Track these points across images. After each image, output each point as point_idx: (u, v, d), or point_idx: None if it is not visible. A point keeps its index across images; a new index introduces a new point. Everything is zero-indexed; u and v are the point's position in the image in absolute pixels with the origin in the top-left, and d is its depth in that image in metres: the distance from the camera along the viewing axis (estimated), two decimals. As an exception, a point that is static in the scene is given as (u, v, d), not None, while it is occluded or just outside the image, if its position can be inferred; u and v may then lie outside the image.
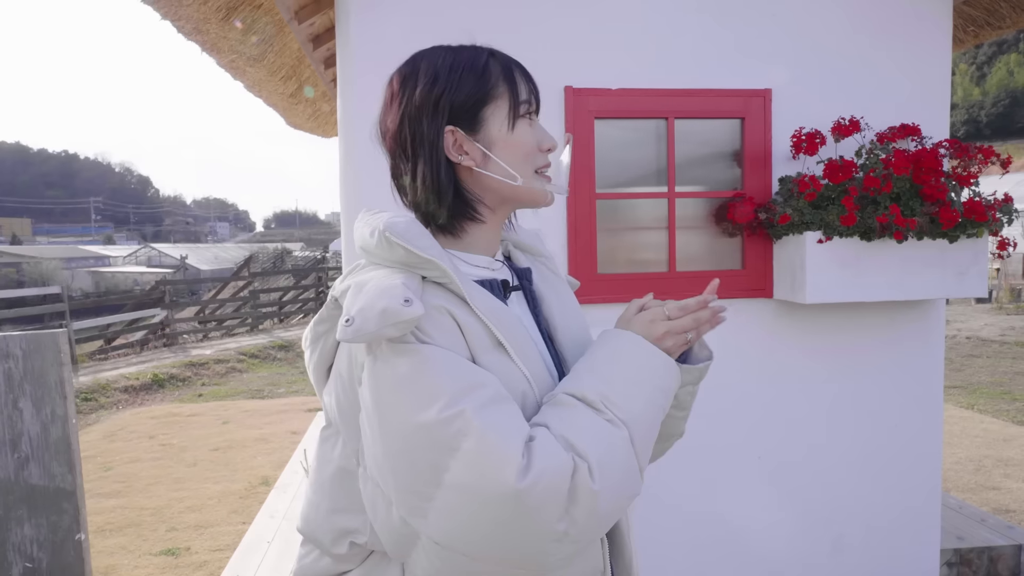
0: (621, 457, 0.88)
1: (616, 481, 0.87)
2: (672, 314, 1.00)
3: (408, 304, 0.84)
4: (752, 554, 2.89)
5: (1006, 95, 49.86)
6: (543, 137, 1.05)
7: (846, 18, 2.82)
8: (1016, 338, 11.11)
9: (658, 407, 0.95)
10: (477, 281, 1.00)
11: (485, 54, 1.03)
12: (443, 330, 0.90)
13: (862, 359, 2.91)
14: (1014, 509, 4.46)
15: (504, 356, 0.94)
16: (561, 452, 0.84)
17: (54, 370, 2.10)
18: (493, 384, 0.88)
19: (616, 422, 0.89)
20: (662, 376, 0.96)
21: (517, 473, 0.80)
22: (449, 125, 1.00)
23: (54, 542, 2.17)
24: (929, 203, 2.52)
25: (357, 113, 2.63)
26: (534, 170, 1.03)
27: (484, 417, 0.83)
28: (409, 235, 0.93)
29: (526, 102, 1.03)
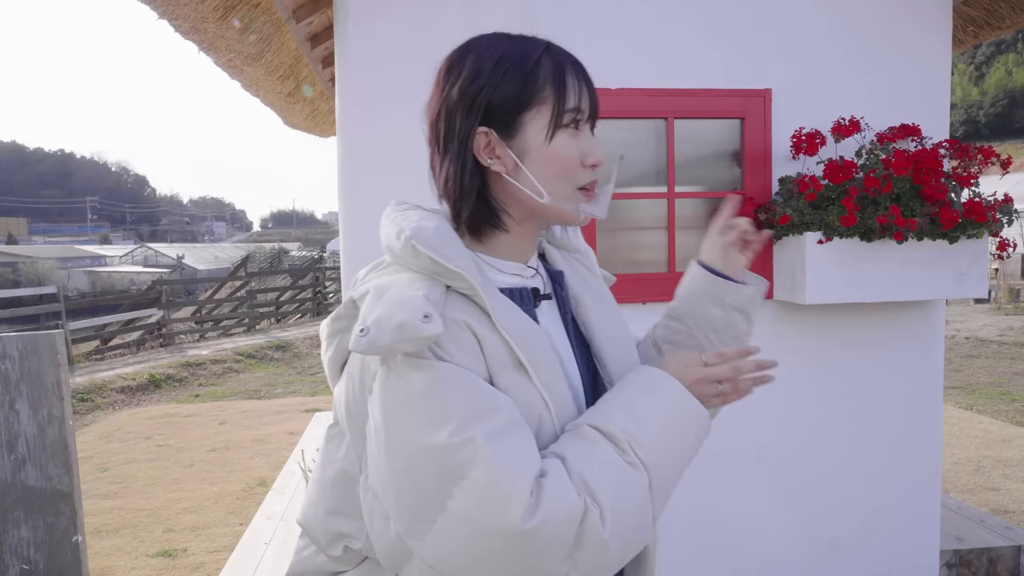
0: (637, 504, 0.84)
1: (628, 529, 0.82)
2: (709, 360, 0.95)
3: (427, 320, 0.80)
4: (751, 555, 2.88)
5: (1005, 95, 49.96)
6: (589, 150, 0.94)
7: (846, 18, 2.81)
8: (1015, 338, 11.13)
9: (684, 456, 0.90)
10: (506, 289, 0.94)
11: (540, 50, 0.94)
12: (462, 347, 0.85)
13: (862, 360, 2.90)
14: (1013, 510, 4.46)
15: (524, 377, 0.88)
16: (572, 493, 0.80)
17: (51, 371, 2.08)
18: (508, 410, 0.83)
19: (638, 465, 0.84)
20: (694, 425, 0.91)
21: (524, 512, 0.77)
22: (483, 126, 0.93)
23: (51, 544, 2.15)
24: (929, 204, 2.52)
25: (355, 112, 2.62)
26: (575, 187, 0.94)
27: (495, 447, 0.79)
28: (436, 243, 0.87)
29: (573, 111, 0.92)
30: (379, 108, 2.61)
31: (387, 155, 2.62)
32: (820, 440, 2.90)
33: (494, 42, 0.95)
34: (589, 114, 0.96)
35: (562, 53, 0.96)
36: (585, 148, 0.95)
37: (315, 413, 6.93)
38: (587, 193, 0.96)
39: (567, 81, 0.93)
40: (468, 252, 0.90)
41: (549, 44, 0.96)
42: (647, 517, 0.85)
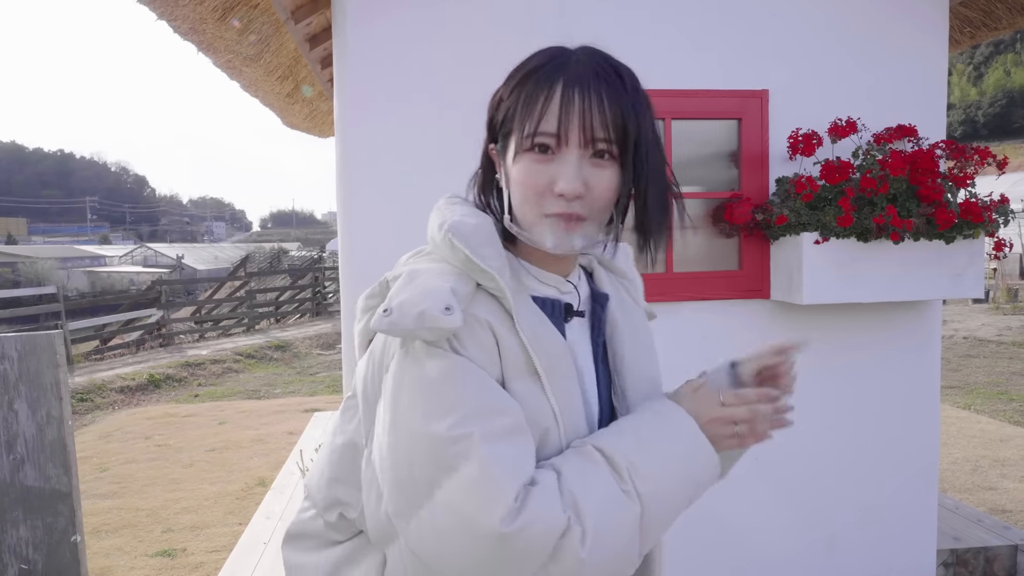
0: (623, 533, 0.83)
1: (608, 555, 0.82)
2: (727, 400, 0.92)
3: (448, 312, 0.82)
4: (748, 554, 2.89)
5: (1003, 95, 50.00)
6: (558, 176, 0.87)
7: (843, 19, 2.82)
8: (1013, 338, 11.14)
9: (684, 496, 0.89)
10: (539, 299, 0.94)
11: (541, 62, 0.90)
12: (480, 345, 0.86)
13: (859, 360, 2.91)
14: (1010, 509, 4.47)
15: (537, 385, 0.88)
16: (558, 507, 0.80)
17: (50, 371, 2.09)
18: (514, 415, 0.84)
19: (633, 495, 0.84)
20: (699, 466, 0.89)
21: (504, 515, 0.78)
22: (492, 143, 0.97)
23: (50, 544, 2.16)
24: (925, 204, 2.53)
25: (353, 113, 2.62)
26: (541, 213, 0.89)
27: (491, 447, 0.80)
28: (473, 241, 0.88)
29: (531, 135, 0.87)
30: (377, 109, 2.62)
31: (385, 156, 2.63)
32: (817, 439, 2.90)
33: (527, 56, 0.93)
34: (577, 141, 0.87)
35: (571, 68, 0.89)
36: (557, 174, 0.88)
37: (314, 413, 6.94)
38: (552, 221, 0.89)
39: (536, 103, 0.87)
40: (506, 254, 0.91)
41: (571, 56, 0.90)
42: (632, 548, 0.84)
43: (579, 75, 0.87)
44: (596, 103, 0.86)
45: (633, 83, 0.92)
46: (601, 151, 0.89)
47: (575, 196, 0.88)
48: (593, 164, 0.89)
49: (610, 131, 0.88)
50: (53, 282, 25.54)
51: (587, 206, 0.89)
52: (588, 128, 0.86)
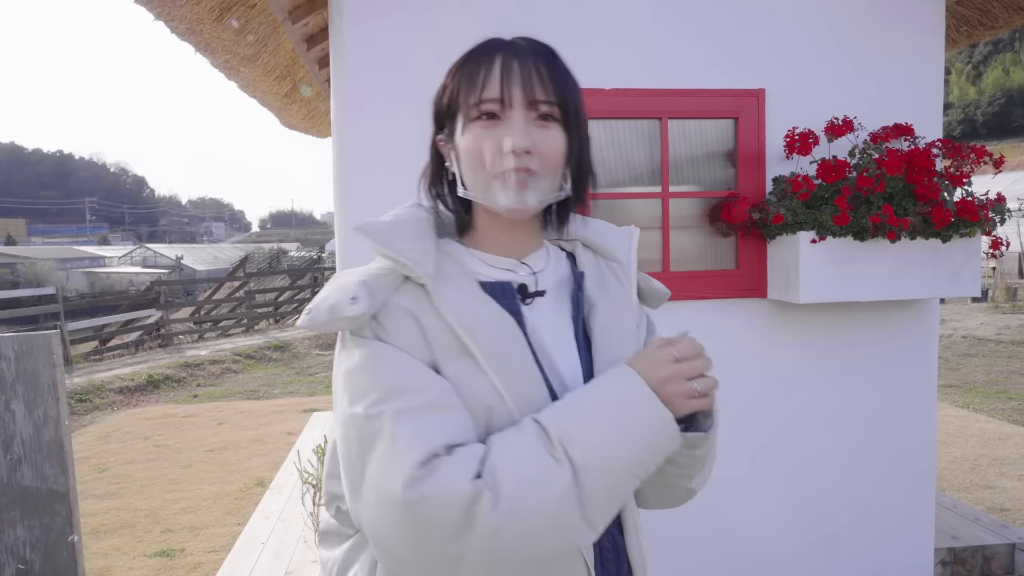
0: (548, 498, 0.81)
1: (530, 521, 0.81)
2: (681, 354, 0.88)
3: (354, 302, 0.88)
4: (746, 553, 2.89)
5: (1002, 94, 49.99)
6: (505, 135, 0.91)
7: (839, 18, 2.82)
8: (1012, 337, 11.14)
9: (632, 459, 0.85)
10: (488, 283, 0.96)
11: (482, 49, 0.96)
12: (403, 331, 0.90)
13: (856, 359, 2.92)
14: (1009, 508, 4.47)
15: (473, 365, 0.90)
16: (464, 475, 0.81)
17: (46, 371, 2.09)
18: (432, 392, 0.86)
19: (562, 462, 0.83)
20: (647, 429, 0.85)
21: (405, 484, 0.80)
22: (439, 132, 1.01)
23: (47, 544, 2.16)
24: (922, 203, 2.53)
25: (350, 113, 2.63)
26: (491, 176, 0.93)
27: (400, 422, 0.84)
28: (384, 236, 0.93)
29: (477, 103, 0.92)
30: (374, 109, 2.62)
31: (382, 156, 2.63)
32: (815, 439, 2.91)
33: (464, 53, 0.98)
34: (521, 102, 0.92)
35: (507, 45, 0.95)
36: (505, 134, 0.92)
37: (313, 413, 6.94)
38: (505, 179, 0.92)
39: (478, 76, 0.92)
40: (426, 244, 0.94)
41: (505, 39, 0.97)
42: (567, 514, 0.82)
43: (517, 50, 0.94)
44: (535, 70, 0.92)
45: (564, 61, 0.98)
46: (545, 114, 0.93)
47: (523, 151, 0.91)
48: (540, 126, 0.93)
49: (550, 94, 0.93)
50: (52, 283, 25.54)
51: (537, 163, 0.93)
52: (529, 90, 0.92)
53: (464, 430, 0.86)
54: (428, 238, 0.96)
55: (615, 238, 1.11)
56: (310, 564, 3.39)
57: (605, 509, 0.85)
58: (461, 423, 0.87)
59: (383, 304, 0.91)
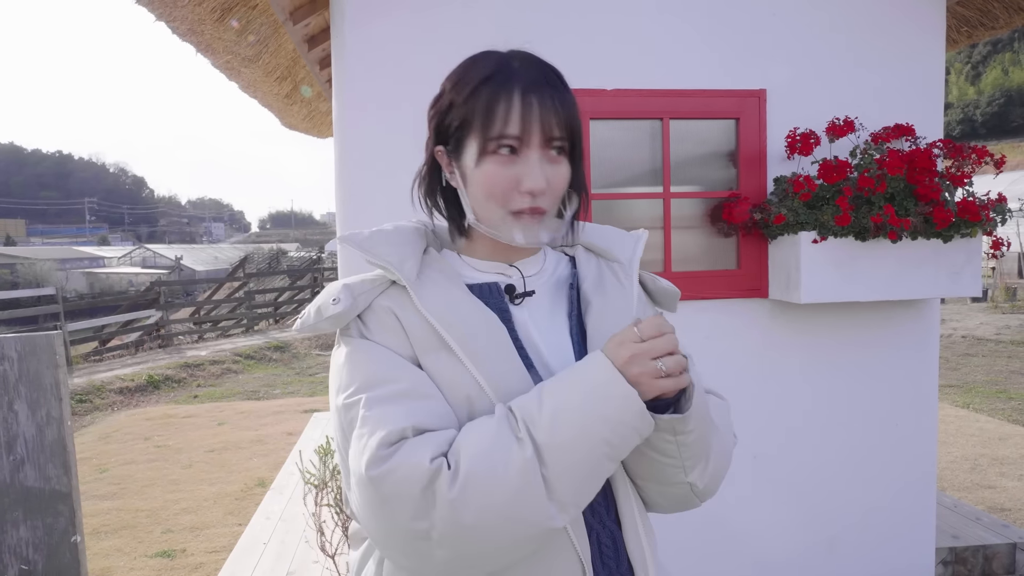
0: (508, 475, 0.83)
1: (489, 497, 0.83)
2: (644, 333, 0.88)
3: (335, 303, 0.96)
4: (747, 553, 2.90)
5: (1001, 94, 50.00)
6: (525, 175, 0.94)
7: (840, 19, 2.83)
8: (1012, 337, 11.15)
9: (596, 438, 0.85)
10: (476, 285, 1.01)
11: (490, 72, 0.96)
12: (385, 328, 0.97)
13: (857, 359, 2.92)
14: (1009, 507, 4.48)
15: (452, 358, 0.94)
16: (424, 454, 0.84)
17: (49, 372, 2.09)
18: (407, 382, 0.92)
19: (525, 441, 0.85)
20: (610, 405, 0.85)
21: (369, 461, 0.86)
22: (439, 145, 1.02)
23: (50, 544, 2.16)
24: (923, 203, 2.53)
25: (352, 114, 2.63)
26: (507, 211, 0.96)
27: (372, 409, 0.90)
28: (366, 244, 1.00)
29: (497, 138, 0.93)
30: (376, 110, 2.62)
31: (384, 157, 2.63)
32: (816, 438, 2.91)
33: (465, 63, 1.00)
34: (536, 141, 0.94)
35: (520, 74, 0.95)
36: (522, 173, 0.95)
37: (313, 414, 6.94)
38: (519, 217, 0.97)
39: (497, 108, 0.93)
40: (407, 250, 1.00)
41: (513, 63, 0.97)
42: (529, 493, 0.83)
43: (532, 80, 0.95)
44: (551, 106, 0.95)
45: (566, 82, 1.01)
46: (558, 147, 0.97)
47: (541, 192, 0.96)
48: (550, 160, 0.97)
49: (564, 130, 0.96)
50: (52, 283, 25.53)
51: (547, 200, 0.98)
52: (547, 129, 0.94)
53: (438, 418, 0.90)
54: (410, 245, 1.02)
55: (617, 241, 1.13)
56: (311, 564, 3.39)
57: (574, 490, 0.86)
58: (434, 411, 0.91)
59: (368, 306, 0.98)
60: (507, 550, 0.87)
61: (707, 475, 0.99)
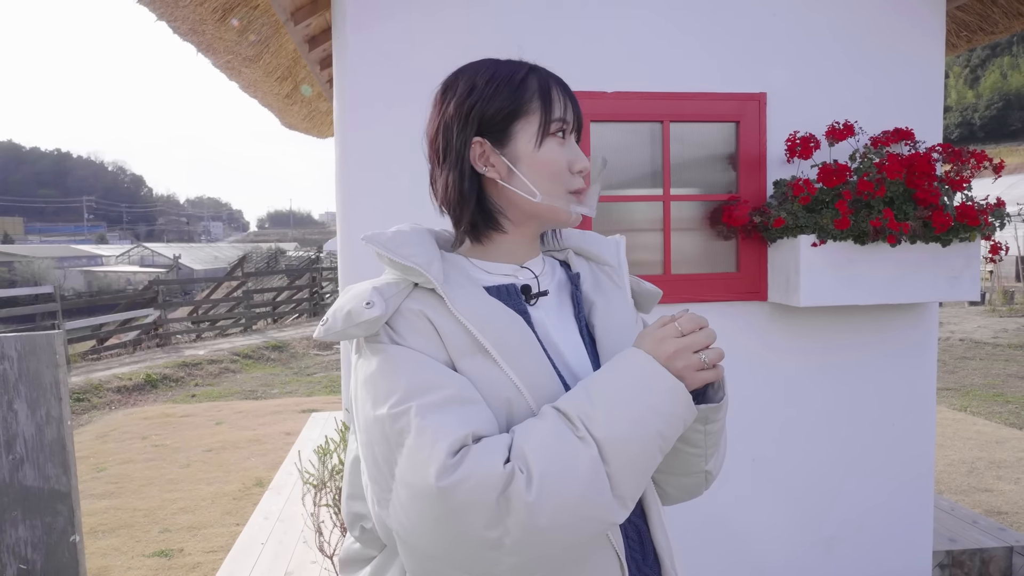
0: (579, 474, 0.84)
1: (564, 497, 0.83)
2: (684, 328, 0.92)
3: (369, 307, 0.92)
4: (745, 555, 2.90)
5: (1000, 98, 50.08)
6: (575, 158, 1.03)
7: (840, 23, 2.83)
8: (1009, 340, 11.17)
9: (651, 431, 0.87)
10: (493, 287, 1.02)
11: (525, 69, 1.03)
12: (418, 333, 0.94)
13: (856, 362, 2.93)
14: (1006, 511, 4.49)
15: (489, 361, 0.94)
16: (496, 460, 0.83)
17: (49, 372, 2.10)
18: (454, 387, 0.89)
19: (587, 439, 0.86)
20: (661, 398, 0.88)
21: (439, 471, 0.82)
22: (478, 137, 1.02)
23: (48, 543, 2.16)
24: (922, 207, 2.54)
25: (352, 115, 2.63)
26: (566, 190, 1.03)
27: (426, 416, 0.86)
28: (391, 244, 0.98)
29: (559, 120, 1.02)
30: (376, 111, 2.63)
31: (384, 157, 2.63)
32: (814, 441, 2.92)
33: (484, 65, 1.04)
34: (574, 126, 1.04)
35: (546, 73, 1.05)
36: (572, 156, 1.03)
37: (312, 413, 6.94)
38: (577, 195, 1.04)
39: (552, 94, 1.02)
40: (432, 252, 0.99)
41: (534, 65, 1.05)
42: (598, 489, 0.85)
43: (554, 76, 1.05)
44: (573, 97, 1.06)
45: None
46: (578, 138, 1.07)
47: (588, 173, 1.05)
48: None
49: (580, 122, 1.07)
50: (50, 281, 25.50)
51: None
52: (580, 119, 1.06)
53: (488, 422, 0.89)
54: (432, 247, 1.01)
55: (604, 245, 1.18)
56: (309, 564, 3.39)
57: (633, 485, 0.88)
58: (484, 416, 0.90)
59: (396, 310, 0.95)
60: (573, 550, 0.88)
61: (718, 462, 1.05)
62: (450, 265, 1.02)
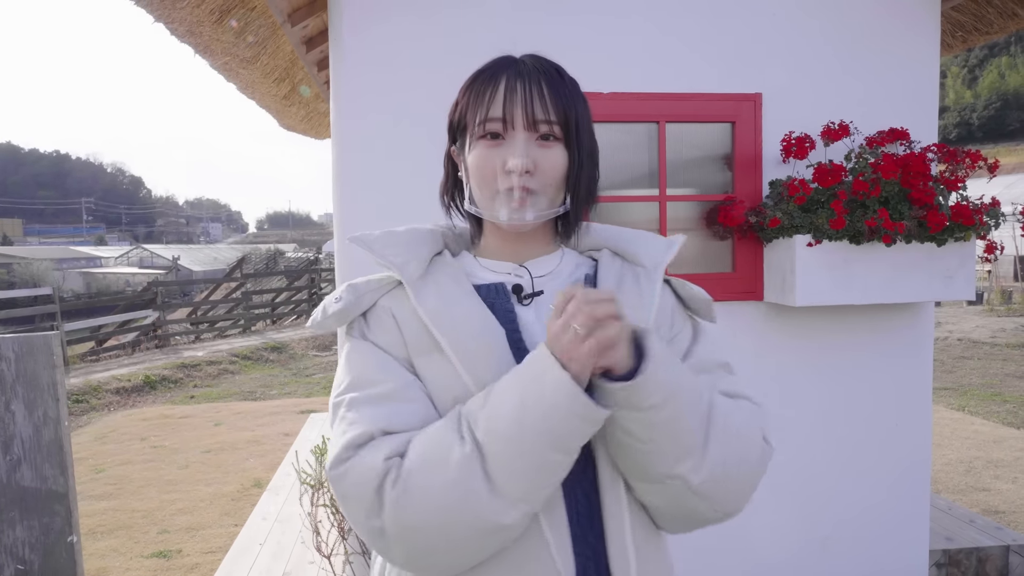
0: (447, 471, 0.84)
1: (428, 493, 0.84)
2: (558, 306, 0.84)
3: (337, 302, 1.00)
4: (742, 555, 2.91)
5: (997, 98, 50.09)
6: (508, 156, 0.96)
7: (835, 23, 2.84)
8: (1007, 340, 11.18)
9: (535, 427, 0.82)
10: (483, 285, 1.03)
11: (489, 66, 1.01)
12: (383, 329, 1.00)
13: (851, 361, 2.93)
14: (1003, 510, 4.49)
15: (444, 359, 0.95)
16: (379, 456, 0.87)
17: (47, 372, 2.10)
18: (389, 385, 0.94)
19: (465, 438, 0.85)
20: (546, 391, 0.81)
21: (332, 461, 0.90)
22: (453, 144, 1.06)
23: (46, 544, 2.16)
24: (917, 207, 2.55)
25: (350, 115, 2.64)
26: (493, 192, 0.98)
27: (351, 409, 0.93)
28: (375, 245, 1.03)
29: (484, 121, 0.97)
30: (374, 112, 2.63)
31: (382, 158, 2.64)
32: (810, 441, 2.92)
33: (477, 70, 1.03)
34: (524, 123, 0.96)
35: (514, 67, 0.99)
36: (507, 154, 0.97)
37: (310, 414, 6.94)
38: (505, 195, 0.97)
39: (485, 95, 0.98)
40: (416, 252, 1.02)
41: (513, 60, 1.01)
42: (468, 487, 0.83)
43: (522, 71, 0.98)
44: (537, 91, 0.97)
45: (570, 79, 1.03)
46: (546, 134, 0.98)
47: (523, 171, 0.96)
48: (540, 145, 0.98)
49: (551, 114, 0.97)
50: (49, 283, 25.47)
51: (537, 181, 0.97)
52: (530, 112, 0.96)
53: (407, 422, 0.91)
54: (419, 246, 1.03)
55: (647, 245, 1.09)
56: (307, 565, 3.40)
57: (521, 485, 0.84)
58: (406, 415, 0.92)
59: (372, 305, 1.01)
60: (460, 548, 0.86)
61: (705, 471, 0.90)
62: (444, 264, 1.03)
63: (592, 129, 1.04)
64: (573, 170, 1.00)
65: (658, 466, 0.89)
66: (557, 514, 0.92)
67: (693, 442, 0.89)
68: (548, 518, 0.92)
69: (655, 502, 0.96)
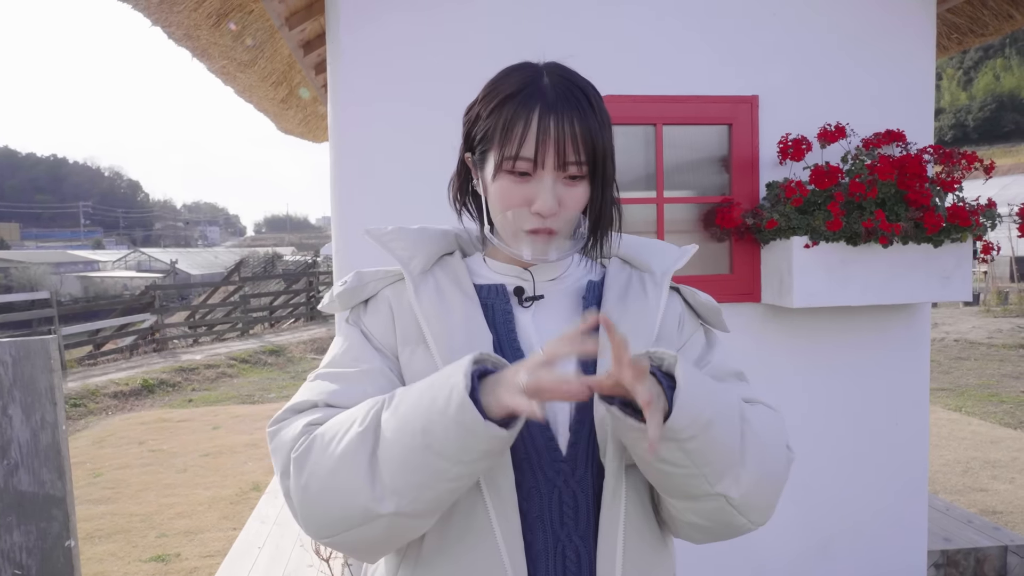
0: (339, 446, 0.86)
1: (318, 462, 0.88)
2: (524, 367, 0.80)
3: (343, 285, 1.06)
4: (741, 557, 2.91)
5: (993, 99, 50.22)
6: (537, 198, 0.94)
7: (832, 25, 2.85)
8: (1004, 340, 11.20)
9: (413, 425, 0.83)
10: (485, 285, 1.05)
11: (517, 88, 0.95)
12: (377, 316, 1.04)
13: (849, 363, 2.94)
14: (1001, 510, 4.50)
15: (427, 354, 0.98)
16: (303, 422, 0.93)
17: (44, 376, 2.09)
18: (358, 367, 0.99)
19: (367, 419, 0.87)
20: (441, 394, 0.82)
21: (271, 420, 0.98)
22: (468, 152, 1.04)
23: (43, 549, 2.16)
24: (914, 208, 2.56)
25: (348, 118, 2.64)
26: (519, 227, 0.97)
27: (314, 380, 1.01)
28: (385, 238, 1.07)
29: (512, 159, 0.93)
30: (371, 115, 2.64)
31: (379, 161, 2.64)
32: (808, 443, 2.92)
33: (499, 74, 1.00)
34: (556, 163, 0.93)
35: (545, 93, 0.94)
36: (534, 194, 0.95)
37: (308, 418, 6.93)
38: (530, 235, 0.97)
39: (515, 129, 0.93)
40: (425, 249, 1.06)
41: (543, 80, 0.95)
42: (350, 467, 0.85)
43: (553, 102, 0.93)
44: (569, 131, 0.93)
45: (597, 102, 0.98)
46: (573, 174, 0.96)
47: (551, 215, 0.95)
48: (566, 184, 0.96)
49: (581, 154, 0.94)
50: (46, 287, 25.44)
51: (559, 221, 0.97)
52: (562, 154, 0.93)
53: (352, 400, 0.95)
54: (427, 245, 1.07)
55: (657, 253, 1.11)
56: (306, 568, 3.39)
57: (398, 480, 0.84)
58: (362, 395, 0.95)
59: (375, 294, 1.06)
60: (342, 524, 0.87)
61: (744, 486, 0.89)
62: (449, 265, 1.07)
63: (614, 152, 1.01)
64: (596, 203, 1.00)
65: (699, 487, 0.89)
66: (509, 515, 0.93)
67: (732, 460, 0.89)
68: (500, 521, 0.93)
69: (692, 519, 0.95)
